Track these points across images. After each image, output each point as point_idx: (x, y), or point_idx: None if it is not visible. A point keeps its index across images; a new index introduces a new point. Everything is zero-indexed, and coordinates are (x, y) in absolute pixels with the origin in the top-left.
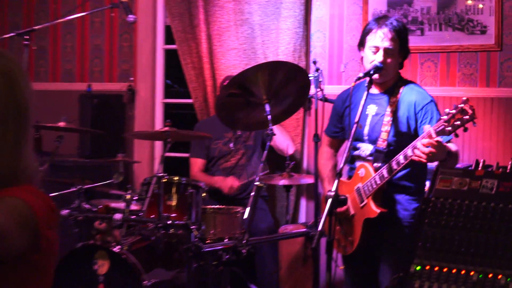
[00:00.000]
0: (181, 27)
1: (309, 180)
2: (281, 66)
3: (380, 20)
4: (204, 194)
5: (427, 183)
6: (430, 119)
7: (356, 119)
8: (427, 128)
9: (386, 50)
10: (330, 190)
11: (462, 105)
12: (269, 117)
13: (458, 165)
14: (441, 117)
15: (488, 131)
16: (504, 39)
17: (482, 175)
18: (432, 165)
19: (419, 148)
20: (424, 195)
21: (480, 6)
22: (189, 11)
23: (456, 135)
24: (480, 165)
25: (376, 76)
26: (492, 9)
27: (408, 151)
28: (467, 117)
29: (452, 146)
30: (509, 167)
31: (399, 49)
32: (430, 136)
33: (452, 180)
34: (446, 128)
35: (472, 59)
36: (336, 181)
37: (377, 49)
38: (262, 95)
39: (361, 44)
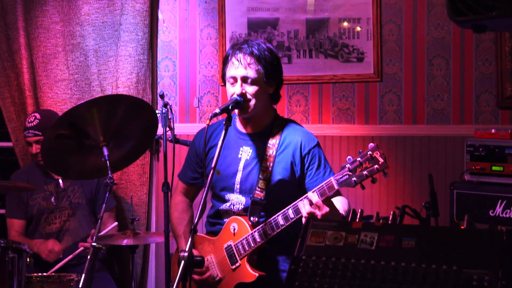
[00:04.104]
0: None
1: (159, 239)
2: (122, 101)
3: (237, 45)
4: (29, 259)
5: None
6: (317, 165)
7: (213, 164)
8: (311, 195)
9: (243, 79)
10: (183, 250)
11: (371, 152)
12: (108, 163)
13: None
14: (346, 165)
15: None
16: (384, 67)
17: (360, 228)
18: None
19: (316, 203)
20: None
21: (358, 29)
22: (7, 33)
23: (363, 187)
24: (358, 216)
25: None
26: (370, 32)
27: (303, 202)
28: (377, 166)
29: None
30: (390, 217)
31: (265, 77)
32: (331, 188)
33: (326, 235)
34: (352, 179)
35: (348, 91)
36: (190, 239)
37: (234, 79)
38: (98, 136)
39: (223, 77)
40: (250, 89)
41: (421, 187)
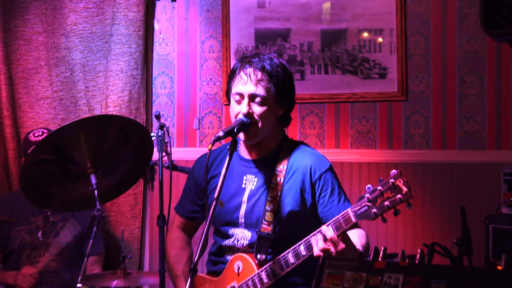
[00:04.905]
0: None
1: (153, 279)
2: (112, 122)
3: (246, 58)
4: None
5: None
6: (330, 192)
7: (216, 194)
8: (325, 229)
9: (251, 97)
10: None
11: (393, 179)
12: (96, 192)
13: None
14: (365, 195)
15: None
16: (410, 85)
17: (384, 269)
18: None
19: (330, 239)
20: None
21: (380, 40)
22: None
23: (384, 220)
24: (381, 254)
25: (242, 136)
26: (394, 45)
27: (313, 238)
28: (400, 196)
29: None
30: (418, 256)
31: (275, 97)
32: (348, 221)
33: (344, 276)
34: (372, 210)
35: (369, 112)
36: (189, 280)
37: (241, 96)
38: (86, 162)
39: (227, 93)
40: (258, 109)
41: (452, 221)
